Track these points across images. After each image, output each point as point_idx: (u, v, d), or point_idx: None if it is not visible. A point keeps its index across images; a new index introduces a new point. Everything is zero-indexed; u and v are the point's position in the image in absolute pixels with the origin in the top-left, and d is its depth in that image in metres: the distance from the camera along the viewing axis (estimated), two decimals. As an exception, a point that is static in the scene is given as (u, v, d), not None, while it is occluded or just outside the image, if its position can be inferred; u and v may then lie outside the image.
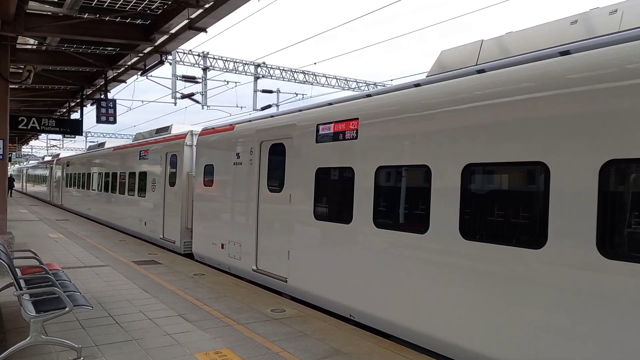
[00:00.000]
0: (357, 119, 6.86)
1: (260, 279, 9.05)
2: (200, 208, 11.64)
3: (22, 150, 56.07)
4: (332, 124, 7.32)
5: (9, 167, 19.74)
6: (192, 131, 13.00)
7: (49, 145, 53.34)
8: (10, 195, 36.48)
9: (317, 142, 7.63)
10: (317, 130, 7.62)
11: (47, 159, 42.86)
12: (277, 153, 8.66)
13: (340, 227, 7.04)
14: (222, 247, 10.40)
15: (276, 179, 8.69)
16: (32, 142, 49.70)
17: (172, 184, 13.52)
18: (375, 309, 6.38)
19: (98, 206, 21.25)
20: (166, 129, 15.72)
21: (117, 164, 18.94)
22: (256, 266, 9.18)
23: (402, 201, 6.29)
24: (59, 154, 39.82)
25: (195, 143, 12.39)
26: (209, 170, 11.19)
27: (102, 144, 24.31)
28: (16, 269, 5.91)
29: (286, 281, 8.22)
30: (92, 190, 22.35)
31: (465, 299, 5.16)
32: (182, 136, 13.21)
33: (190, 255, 12.16)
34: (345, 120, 7.08)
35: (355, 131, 6.87)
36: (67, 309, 4.90)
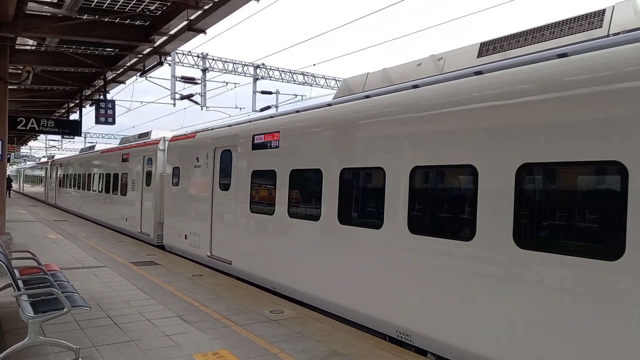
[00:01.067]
0: (279, 131, 8.60)
1: (214, 263, 10.68)
2: (170, 205, 13.36)
3: (21, 150, 56.00)
4: (263, 135, 9.09)
5: (7, 168, 19.75)
6: (164, 137, 14.70)
7: (47, 146, 53.25)
8: (9, 196, 36.44)
9: (252, 149, 9.39)
10: (253, 140, 9.38)
11: (43, 160, 43.73)
12: (227, 158, 10.40)
13: (266, 218, 8.82)
14: (186, 238, 12.12)
15: (225, 179, 10.43)
16: (31, 143, 49.69)
17: (148, 184, 15.18)
18: (288, 281, 8.16)
19: (88, 205, 22.67)
20: (147, 134, 17.22)
21: (103, 166, 20.66)
22: (210, 252, 10.87)
23: (304, 196, 8.03)
24: (53, 156, 41.39)
25: (166, 148, 14.15)
26: (176, 172, 12.93)
27: (93, 147, 25.98)
28: (14, 269, 5.90)
29: (231, 264, 9.93)
30: (82, 190, 23.87)
31: (338, 267, 7.02)
32: (156, 142, 14.92)
33: (162, 247, 13.76)
34: (271, 132, 8.84)
35: (277, 141, 8.62)
36: (65, 309, 4.89)
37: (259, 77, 23.35)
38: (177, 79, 20.90)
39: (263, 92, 23.64)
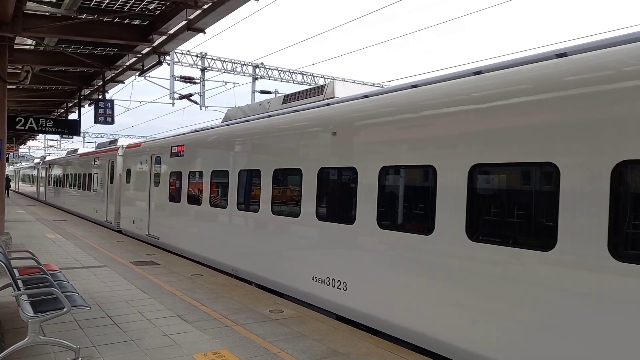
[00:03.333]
0: (184, 144, 12.40)
1: (150, 240, 14.35)
2: (124, 198, 17.30)
3: (20, 150, 55.86)
4: (176, 147, 12.80)
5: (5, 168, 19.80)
6: (123, 145, 18.50)
7: (46, 145, 53.13)
8: (8, 196, 36.38)
9: (171, 156, 13.15)
10: (171, 150, 13.10)
11: (36, 161, 46.67)
12: (158, 162, 14.09)
13: (177, 204, 12.57)
14: (134, 223, 15.93)
15: (157, 178, 14.09)
16: (30, 143, 49.57)
17: (111, 182, 18.90)
18: (193, 248, 11.69)
19: (69, 200, 26.59)
20: (115, 141, 21.37)
21: (80, 167, 24.53)
22: (148, 232, 14.54)
23: (196, 189, 11.49)
24: (45, 157, 45.24)
25: (123, 154, 17.94)
26: (128, 173, 16.82)
27: (76, 150, 30.18)
28: (14, 269, 5.90)
29: (159, 239, 13.69)
30: (66, 187, 27.89)
31: (210, 234, 10.79)
32: (117, 148, 18.71)
33: (120, 232, 17.37)
34: (179, 144, 12.64)
35: (183, 151, 12.36)
36: (65, 309, 4.89)
37: (258, 76, 23.35)
38: (176, 78, 20.91)
39: (262, 92, 23.62)
